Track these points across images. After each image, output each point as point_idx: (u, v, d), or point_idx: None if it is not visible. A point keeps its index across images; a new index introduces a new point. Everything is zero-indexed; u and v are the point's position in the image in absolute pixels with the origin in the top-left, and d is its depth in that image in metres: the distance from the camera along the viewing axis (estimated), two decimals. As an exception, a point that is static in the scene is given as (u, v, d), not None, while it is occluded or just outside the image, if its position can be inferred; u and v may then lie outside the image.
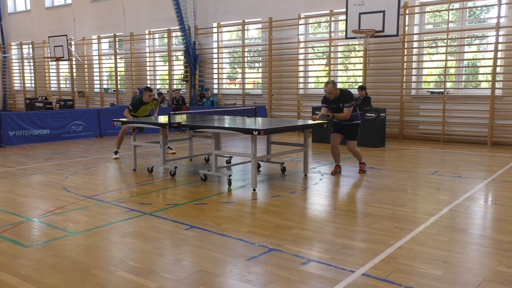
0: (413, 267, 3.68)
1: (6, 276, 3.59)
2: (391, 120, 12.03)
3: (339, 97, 7.17)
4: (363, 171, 7.58)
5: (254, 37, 15.45)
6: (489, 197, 6.10)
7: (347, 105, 7.12)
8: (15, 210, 5.47)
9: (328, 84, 7.06)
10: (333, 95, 7.10)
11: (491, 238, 4.42)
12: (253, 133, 6.11)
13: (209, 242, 4.30)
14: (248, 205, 5.71)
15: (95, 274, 3.61)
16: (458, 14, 11.69)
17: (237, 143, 11.39)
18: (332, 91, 7.04)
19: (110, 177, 7.74)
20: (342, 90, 7.23)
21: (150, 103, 9.20)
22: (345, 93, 7.17)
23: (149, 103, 9.16)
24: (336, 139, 7.47)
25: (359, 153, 7.56)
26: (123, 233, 4.59)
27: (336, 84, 7.19)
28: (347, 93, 7.18)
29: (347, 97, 7.13)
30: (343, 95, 7.15)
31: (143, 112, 9.20)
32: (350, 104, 7.12)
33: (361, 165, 7.63)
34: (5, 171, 7.93)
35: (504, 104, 10.96)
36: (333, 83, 7.09)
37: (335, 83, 7.14)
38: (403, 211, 5.31)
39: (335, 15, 13.07)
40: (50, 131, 11.90)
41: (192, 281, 3.48)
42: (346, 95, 7.15)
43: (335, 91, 7.08)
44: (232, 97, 15.70)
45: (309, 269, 3.67)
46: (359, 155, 7.58)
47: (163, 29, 17.14)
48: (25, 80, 23.08)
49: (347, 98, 7.13)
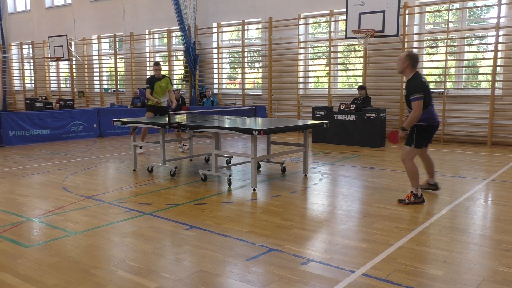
0: (413, 267, 3.68)
1: (6, 276, 3.59)
2: (391, 120, 12.02)
3: (407, 82, 5.54)
4: (403, 202, 5.55)
5: (254, 37, 15.45)
6: (489, 197, 6.10)
7: (412, 97, 5.38)
8: (15, 210, 5.47)
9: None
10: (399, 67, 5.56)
11: (491, 238, 4.42)
12: (253, 133, 6.11)
13: (209, 242, 4.30)
14: (248, 205, 5.71)
15: (95, 274, 3.61)
16: (458, 14, 11.68)
17: (237, 143, 11.39)
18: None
19: (110, 177, 7.74)
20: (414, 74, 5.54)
21: (162, 80, 9.60)
22: (413, 81, 5.49)
23: (161, 79, 9.57)
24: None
25: (410, 170, 5.54)
26: (123, 233, 4.59)
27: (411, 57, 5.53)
28: (416, 80, 5.47)
29: (413, 84, 5.44)
30: (410, 82, 5.50)
31: (159, 90, 9.59)
32: (418, 96, 5.33)
33: (408, 195, 5.60)
34: (5, 171, 7.93)
35: (504, 104, 10.96)
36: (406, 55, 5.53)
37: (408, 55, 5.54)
38: (403, 211, 5.30)
39: (335, 15, 13.07)
40: (50, 131, 11.90)
41: (192, 281, 3.48)
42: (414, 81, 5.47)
43: (401, 65, 5.52)
44: (232, 97, 15.70)
45: (309, 269, 3.67)
46: (410, 174, 5.55)
47: (163, 29, 17.13)
48: (25, 80, 23.08)
49: (414, 87, 5.41)
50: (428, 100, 5.45)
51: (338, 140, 10.89)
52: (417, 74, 5.53)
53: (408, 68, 5.52)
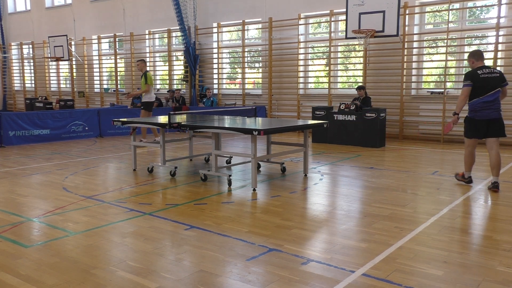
0: (413, 267, 3.68)
1: (6, 276, 3.59)
2: (391, 120, 12.02)
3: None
4: (460, 179, 6.63)
5: (254, 37, 15.45)
6: (489, 197, 6.10)
7: (463, 83, 6.21)
8: (15, 210, 5.47)
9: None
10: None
11: (491, 238, 4.42)
12: (253, 133, 6.11)
13: (209, 242, 4.30)
14: (248, 205, 5.71)
15: (95, 274, 3.61)
16: (458, 14, 11.69)
17: (237, 143, 11.39)
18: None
19: (110, 177, 7.74)
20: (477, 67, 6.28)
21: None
22: (469, 71, 6.27)
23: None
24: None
25: (466, 158, 6.49)
26: (123, 233, 4.59)
27: (472, 55, 6.29)
28: (469, 71, 6.23)
29: (465, 74, 6.23)
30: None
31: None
32: (464, 83, 6.15)
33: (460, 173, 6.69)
34: (5, 171, 7.93)
35: (504, 104, 10.91)
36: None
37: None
38: (403, 211, 5.31)
39: (335, 15, 13.07)
40: (50, 131, 11.90)
41: (192, 281, 3.48)
42: (467, 72, 6.26)
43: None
44: (232, 97, 15.70)
45: (309, 269, 3.67)
46: (465, 160, 6.50)
47: (163, 29, 17.13)
48: (25, 80, 23.08)
49: (464, 76, 6.22)
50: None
51: (338, 140, 10.89)
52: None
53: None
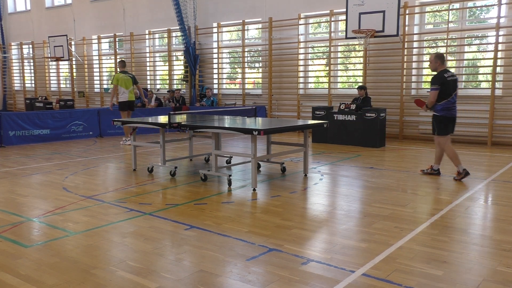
0: (413, 267, 3.68)
1: (6, 276, 3.59)
2: (391, 120, 12.02)
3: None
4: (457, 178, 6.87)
5: (254, 37, 15.45)
6: (489, 197, 6.10)
7: (432, 87, 6.73)
8: (15, 210, 5.47)
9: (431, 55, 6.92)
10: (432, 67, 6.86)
11: (491, 238, 4.42)
12: (253, 133, 6.11)
13: (209, 242, 4.30)
14: (248, 205, 5.71)
15: (95, 274, 3.61)
16: (458, 14, 11.68)
17: (237, 143, 11.39)
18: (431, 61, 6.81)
19: (110, 177, 7.74)
20: (440, 70, 6.78)
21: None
22: (436, 74, 6.80)
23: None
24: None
25: (451, 154, 6.88)
26: (123, 233, 4.59)
27: (439, 57, 6.81)
28: (436, 75, 6.77)
29: (433, 78, 6.77)
30: (435, 75, 6.81)
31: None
32: (433, 87, 6.69)
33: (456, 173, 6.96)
34: (5, 171, 7.93)
35: (504, 104, 10.96)
36: (435, 56, 6.81)
37: (438, 56, 6.81)
38: (403, 211, 5.31)
39: (335, 15, 13.06)
40: (50, 131, 11.90)
41: (192, 281, 3.48)
42: (435, 76, 6.79)
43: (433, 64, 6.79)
44: (232, 97, 15.70)
45: (309, 269, 3.67)
46: (451, 157, 6.89)
47: (163, 29, 17.13)
48: (25, 80, 23.07)
49: (433, 79, 6.75)
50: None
51: (338, 140, 10.89)
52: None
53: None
